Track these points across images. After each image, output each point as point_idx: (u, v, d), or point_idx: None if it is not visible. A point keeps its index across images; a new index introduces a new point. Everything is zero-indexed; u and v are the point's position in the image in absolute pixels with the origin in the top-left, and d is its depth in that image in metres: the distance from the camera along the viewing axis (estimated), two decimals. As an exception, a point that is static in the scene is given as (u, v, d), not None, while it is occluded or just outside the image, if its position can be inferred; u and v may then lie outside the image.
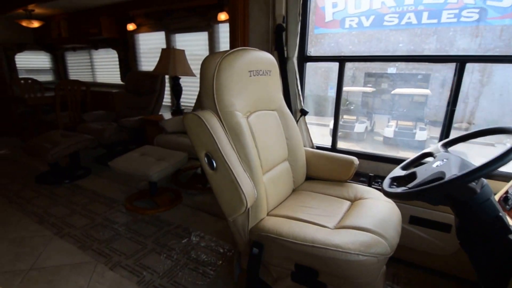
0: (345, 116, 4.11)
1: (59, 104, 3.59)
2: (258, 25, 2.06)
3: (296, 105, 2.05)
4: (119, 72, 4.34)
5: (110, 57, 4.43)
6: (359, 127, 4.01)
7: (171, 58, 3.14)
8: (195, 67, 3.49)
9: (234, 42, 2.19)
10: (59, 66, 5.21)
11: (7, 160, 3.66)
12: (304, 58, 2.09)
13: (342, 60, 1.95)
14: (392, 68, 3.70)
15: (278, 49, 1.99)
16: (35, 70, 4.99)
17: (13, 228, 2.15)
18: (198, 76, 1.33)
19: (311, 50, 2.11)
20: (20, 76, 4.81)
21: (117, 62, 4.36)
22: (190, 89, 3.70)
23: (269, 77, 1.50)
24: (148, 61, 4.06)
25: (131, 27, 3.86)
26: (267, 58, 1.49)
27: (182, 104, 3.58)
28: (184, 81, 3.49)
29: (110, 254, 1.88)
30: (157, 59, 3.25)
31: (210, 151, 1.16)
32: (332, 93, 2.56)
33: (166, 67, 3.13)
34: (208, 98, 1.24)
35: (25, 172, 3.23)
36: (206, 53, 3.44)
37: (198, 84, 1.41)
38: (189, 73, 3.28)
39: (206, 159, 1.18)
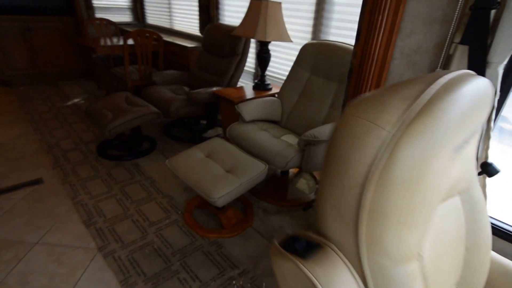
0: None
1: (128, 59, 3.08)
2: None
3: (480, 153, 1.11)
4: (198, 21, 3.61)
5: (190, 1, 3.69)
6: None
7: (261, 15, 2.26)
8: (291, 27, 2.56)
9: (372, 17, 1.24)
10: (137, 5, 4.70)
11: (77, 113, 3.44)
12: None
13: None
14: None
15: (474, 42, 1.02)
16: (112, 8, 4.56)
17: (57, 228, 1.80)
18: (296, 42, 0.71)
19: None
20: (96, 16, 4.44)
21: (197, 8, 3.61)
22: (280, 55, 2.82)
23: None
24: (234, 11, 3.22)
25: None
26: (484, 92, 0.58)
27: (268, 75, 2.77)
28: (274, 44, 2.62)
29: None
30: (245, 11, 2.40)
31: None
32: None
33: (254, 27, 2.28)
34: (342, 221, 0.47)
35: (90, 135, 2.93)
36: (308, 6, 2.44)
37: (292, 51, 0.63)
38: (285, 37, 2.39)
39: None
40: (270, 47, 2.54)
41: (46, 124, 3.09)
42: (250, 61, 3.13)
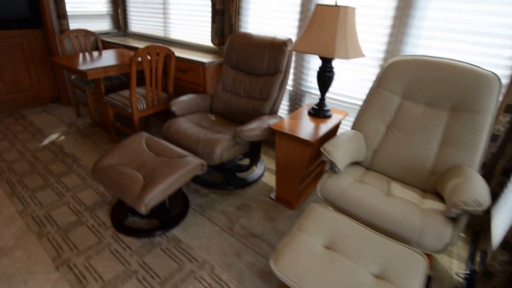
0: None
1: (135, 86, 2.34)
2: None
3: None
4: (210, 29, 2.94)
5: (198, 3, 2.99)
6: None
7: (340, 26, 1.70)
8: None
9: None
10: (118, 11, 3.86)
11: (62, 157, 2.61)
12: None
13: None
14: None
15: None
16: (87, 16, 3.69)
17: None
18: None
19: None
20: (70, 25, 3.56)
21: (209, 13, 2.94)
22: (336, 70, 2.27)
23: None
24: (262, 16, 2.60)
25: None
26: None
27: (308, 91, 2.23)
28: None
29: None
30: (281, 14, 1.81)
31: None
32: None
33: (329, 42, 1.71)
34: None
35: (91, 194, 2.17)
36: (383, 11, 1.93)
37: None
38: (360, 52, 1.85)
39: None
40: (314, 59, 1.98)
41: (23, 182, 2.25)
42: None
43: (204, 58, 2.78)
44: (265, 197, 2.19)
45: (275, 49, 2.26)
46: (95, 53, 3.09)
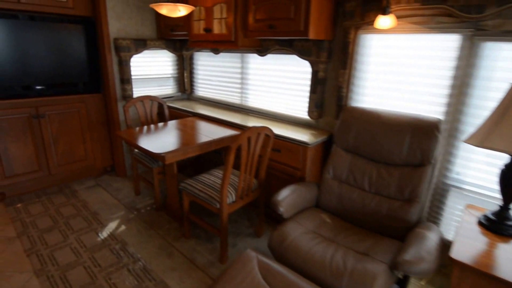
0: None
1: (229, 176, 1.82)
2: None
3: None
4: (307, 100, 2.47)
5: (292, 70, 2.56)
6: None
7: None
8: None
9: None
10: (184, 73, 3.56)
11: (135, 267, 2.04)
12: None
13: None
14: None
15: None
16: (151, 79, 3.39)
17: None
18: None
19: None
20: (135, 91, 3.25)
21: (303, 80, 2.49)
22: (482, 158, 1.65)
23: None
24: (381, 88, 2.10)
25: (385, 19, 1.88)
26: None
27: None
28: None
29: None
30: (411, 88, 1.24)
31: None
32: None
33: None
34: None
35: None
36: None
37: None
38: None
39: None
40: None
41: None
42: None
43: (299, 134, 2.26)
44: None
45: (421, 133, 1.69)
46: (162, 125, 2.68)
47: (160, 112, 3.27)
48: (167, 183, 2.37)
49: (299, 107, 2.58)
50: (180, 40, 3.41)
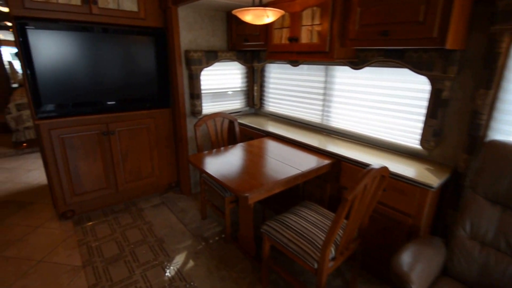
0: None
1: (338, 229, 1.42)
2: None
3: None
4: (421, 125, 1.97)
5: (396, 86, 2.08)
6: None
7: None
8: None
9: None
10: (252, 86, 3.26)
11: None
12: None
13: None
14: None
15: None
16: (219, 93, 3.13)
17: None
18: None
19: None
20: (204, 108, 3.01)
21: (420, 102, 1.99)
22: None
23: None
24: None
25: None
26: None
27: None
28: None
29: None
30: None
31: None
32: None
33: None
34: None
35: None
36: None
37: None
38: None
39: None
40: None
41: None
42: None
43: (409, 169, 1.77)
44: None
45: None
46: (234, 148, 2.37)
47: (229, 127, 2.99)
48: (239, 214, 2.04)
49: (404, 133, 2.08)
50: (252, 51, 3.11)
